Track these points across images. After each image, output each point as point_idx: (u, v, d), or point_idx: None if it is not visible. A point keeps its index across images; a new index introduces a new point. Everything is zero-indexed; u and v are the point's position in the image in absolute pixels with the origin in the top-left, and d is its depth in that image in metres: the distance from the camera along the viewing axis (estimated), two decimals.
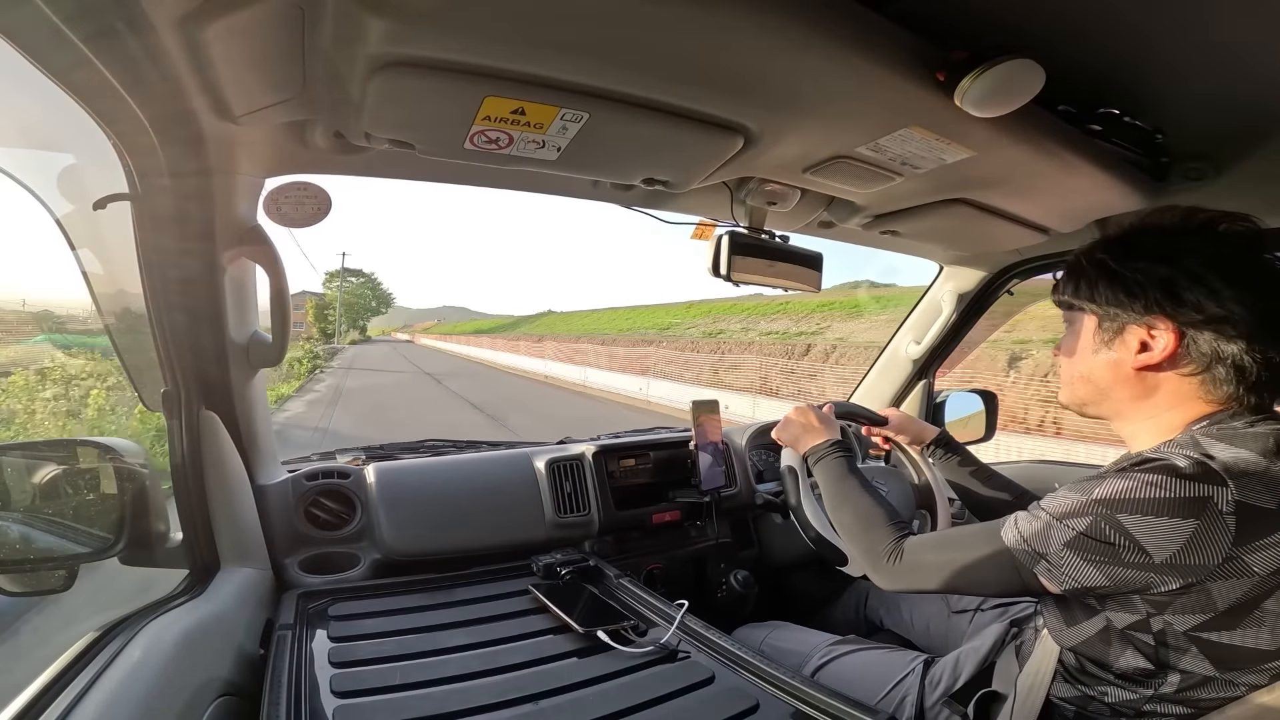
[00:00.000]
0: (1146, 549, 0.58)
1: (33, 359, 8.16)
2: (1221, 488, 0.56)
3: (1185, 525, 0.56)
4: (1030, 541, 0.65)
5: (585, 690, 0.71)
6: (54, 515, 0.90)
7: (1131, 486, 0.59)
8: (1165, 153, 0.91)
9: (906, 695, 0.88)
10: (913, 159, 0.86)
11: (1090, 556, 0.61)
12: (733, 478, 1.39)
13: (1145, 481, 0.59)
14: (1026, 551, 0.65)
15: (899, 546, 0.78)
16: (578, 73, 0.65)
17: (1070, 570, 0.62)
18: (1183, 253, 0.65)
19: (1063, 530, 0.62)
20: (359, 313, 75.85)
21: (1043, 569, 0.64)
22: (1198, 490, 0.57)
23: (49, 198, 0.79)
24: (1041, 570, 0.65)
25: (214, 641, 0.75)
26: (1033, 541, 0.65)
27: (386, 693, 0.70)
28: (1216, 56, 0.68)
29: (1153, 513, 0.58)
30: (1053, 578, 0.64)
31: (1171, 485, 0.57)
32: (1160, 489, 0.58)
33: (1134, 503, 0.59)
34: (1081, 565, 0.61)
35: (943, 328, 1.57)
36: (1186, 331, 0.64)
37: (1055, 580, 0.64)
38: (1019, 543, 0.66)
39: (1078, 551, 0.62)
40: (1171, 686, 0.62)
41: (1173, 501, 0.57)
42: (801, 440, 1.03)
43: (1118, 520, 0.59)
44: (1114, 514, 0.59)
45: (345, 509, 1.12)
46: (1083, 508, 0.62)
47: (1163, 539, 0.57)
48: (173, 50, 0.61)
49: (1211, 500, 0.56)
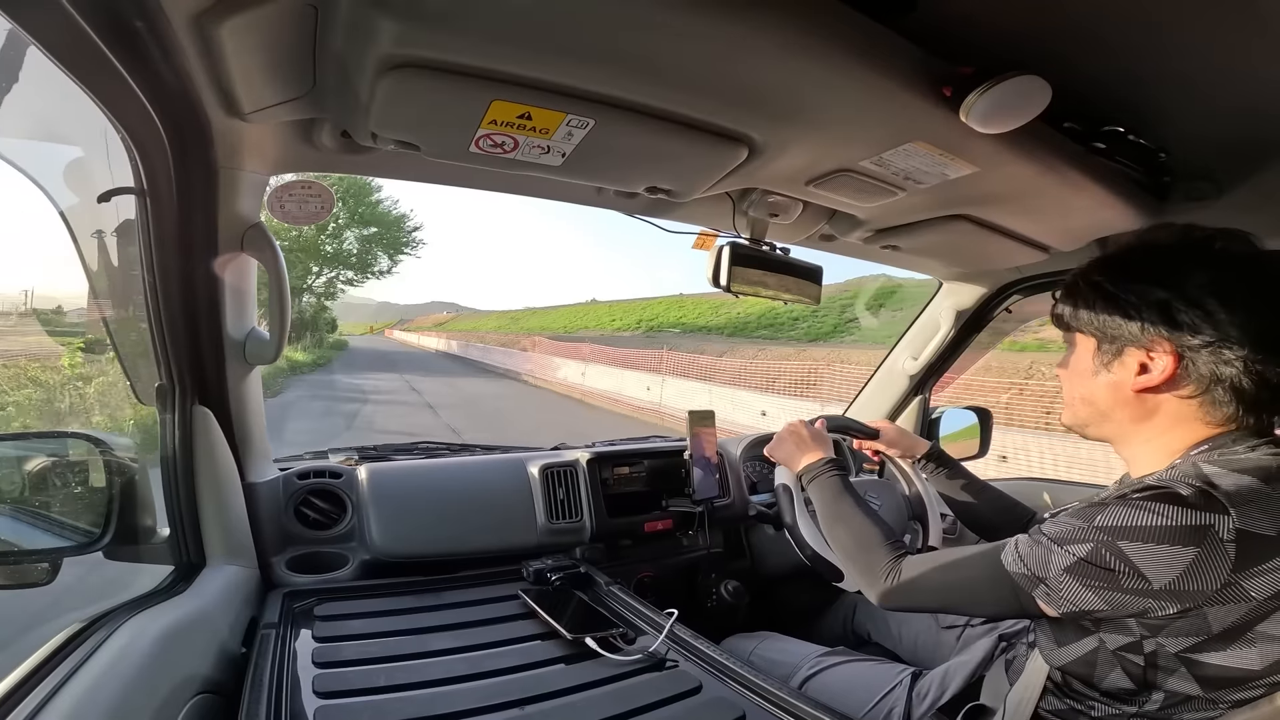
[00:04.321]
0: (1146, 575, 0.58)
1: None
2: (1223, 515, 0.56)
3: (1186, 553, 0.56)
4: (1030, 566, 0.65)
5: (572, 697, 0.71)
6: (39, 508, 0.89)
7: (1133, 514, 0.59)
8: (1169, 172, 0.92)
9: (894, 707, 0.87)
10: (916, 174, 0.86)
11: (1089, 582, 0.61)
12: (726, 488, 1.38)
13: (1147, 509, 0.58)
14: (1026, 575, 0.65)
15: (896, 566, 0.78)
16: (585, 79, 0.66)
17: (1069, 595, 0.62)
18: (1178, 274, 0.65)
19: (1063, 556, 0.62)
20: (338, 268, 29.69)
21: (1041, 593, 0.64)
22: (1199, 519, 0.56)
23: (54, 189, 0.79)
24: (1040, 594, 0.64)
25: (196, 638, 0.74)
26: (1033, 566, 0.65)
27: (369, 694, 0.69)
28: (1222, 76, 0.69)
29: (1154, 540, 0.57)
30: (1051, 601, 0.64)
31: (1173, 514, 0.57)
32: (1162, 517, 0.57)
33: (1135, 530, 0.58)
34: (1080, 590, 0.61)
35: (940, 344, 1.57)
36: (1185, 354, 0.64)
37: (1053, 604, 0.64)
38: (1019, 566, 0.66)
39: (1077, 577, 0.61)
40: (1155, 704, 0.62)
41: (1174, 529, 0.57)
42: (795, 457, 1.03)
43: (1119, 547, 0.59)
44: (1115, 541, 0.59)
45: (336, 509, 1.11)
46: (1084, 534, 0.61)
47: (1162, 566, 0.57)
48: (186, 46, 0.61)
49: (1213, 528, 0.56)
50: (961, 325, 1.55)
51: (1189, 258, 0.65)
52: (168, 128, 0.72)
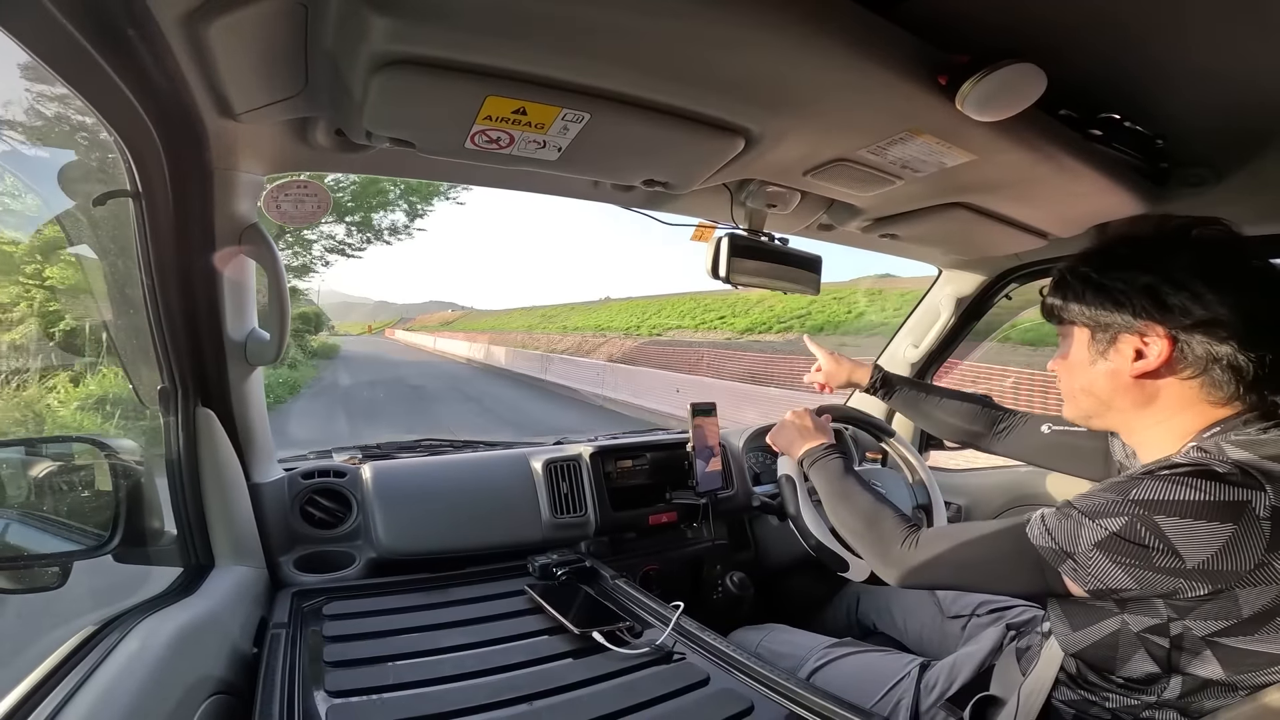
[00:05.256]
0: (1180, 553, 0.57)
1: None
2: (1260, 492, 0.56)
3: (1223, 530, 0.55)
4: (1058, 539, 0.63)
5: (580, 691, 0.71)
6: (48, 512, 0.90)
7: (1171, 489, 0.58)
8: (1166, 158, 0.92)
9: (902, 699, 0.88)
10: (913, 162, 0.86)
11: (1120, 559, 0.59)
12: (729, 480, 1.39)
13: (1186, 484, 0.57)
14: (1053, 549, 0.63)
15: (911, 540, 0.77)
16: (580, 73, 0.65)
17: (1097, 571, 0.61)
18: (1162, 260, 0.65)
19: (1094, 529, 0.60)
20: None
21: (1069, 568, 0.63)
22: (1238, 494, 0.56)
23: (49, 193, 0.79)
24: (1067, 570, 0.63)
25: (208, 640, 0.74)
26: (1061, 539, 0.63)
27: (380, 692, 0.69)
28: (1218, 63, 0.69)
29: (1191, 515, 0.56)
30: (1078, 578, 0.62)
31: (1212, 489, 0.56)
32: (1200, 491, 0.56)
33: (1173, 505, 0.57)
34: (1110, 567, 0.60)
35: (941, 331, 1.58)
36: (1179, 336, 0.64)
37: (1080, 581, 0.62)
38: (1046, 540, 0.64)
39: (1108, 552, 0.60)
40: (1174, 692, 0.62)
41: (1212, 505, 0.56)
42: (796, 445, 1.03)
43: (1154, 522, 0.57)
44: (1151, 515, 0.58)
45: (341, 508, 1.12)
46: (1118, 507, 0.60)
47: (1199, 543, 0.56)
48: (176, 47, 0.61)
49: (1250, 505, 0.55)
50: (962, 312, 1.55)
51: (1170, 243, 0.66)
52: (160, 130, 0.72)
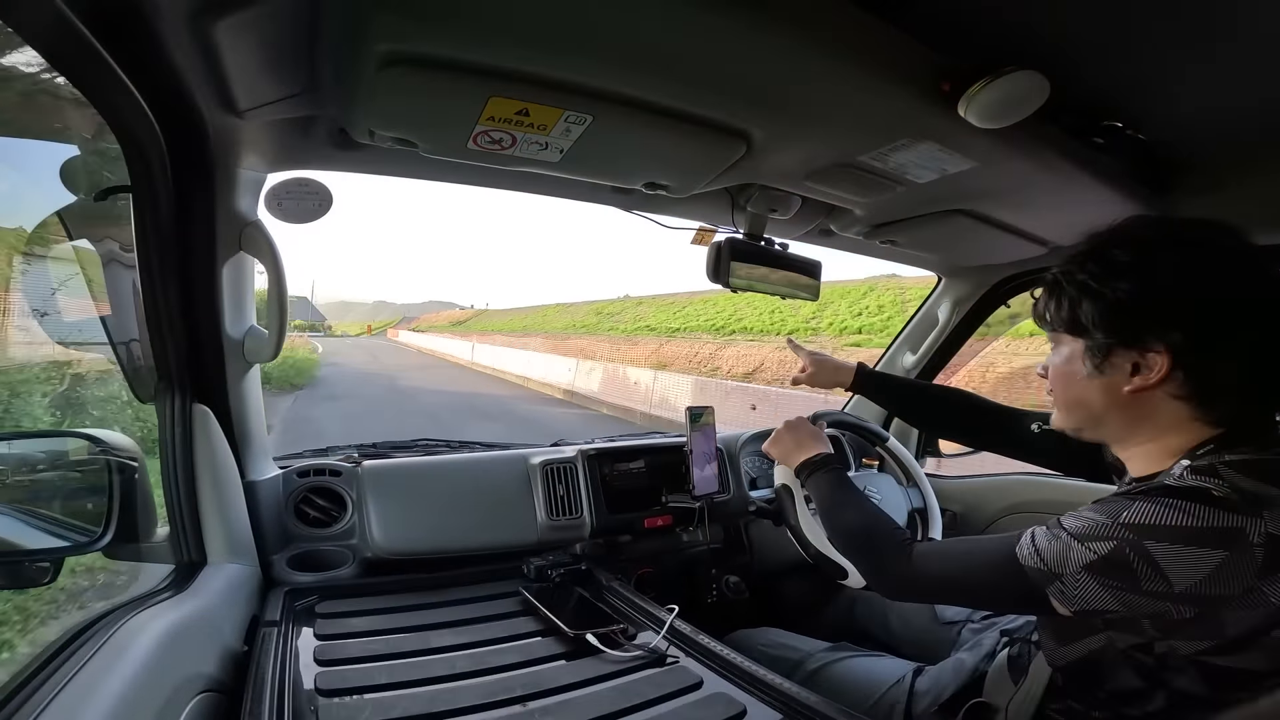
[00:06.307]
0: (1169, 578, 0.55)
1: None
2: (1255, 519, 0.54)
3: (1214, 556, 0.54)
4: (1047, 560, 0.61)
5: (573, 693, 0.71)
6: (39, 507, 0.89)
7: (1162, 512, 0.56)
8: (1167, 166, 0.92)
9: (896, 704, 0.87)
10: (915, 169, 0.86)
11: (1108, 582, 0.58)
12: (726, 483, 1.39)
13: (1178, 508, 0.56)
14: (1041, 570, 0.62)
15: (904, 556, 0.76)
16: (584, 75, 0.65)
17: (1084, 593, 0.59)
18: (1163, 268, 0.62)
19: (1083, 552, 0.59)
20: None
21: (1055, 590, 0.61)
22: (1232, 521, 0.54)
23: (51, 188, 0.78)
24: (1054, 591, 0.61)
25: (198, 637, 0.74)
26: (1050, 561, 0.61)
27: (372, 691, 0.69)
28: (1220, 71, 0.69)
29: (1182, 541, 0.55)
30: (1065, 599, 0.61)
31: (1205, 514, 0.55)
32: (1193, 517, 0.55)
33: (1164, 530, 0.56)
34: (1097, 590, 0.58)
35: (938, 338, 1.58)
36: (1178, 352, 0.61)
37: (1066, 602, 0.61)
38: (1034, 560, 0.62)
39: (1095, 575, 0.58)
40: (1158, 707, 0.61)
41: (1205, 531, 0.54)
42: (793, 455, 1.03)
43: (1144, 547, 0.56)
44: (1141, 540, 0.56)
45: (336, 506, 1.11)
46: (1107, 530, 0.58)
47: (1187, 569, 0.55)
48: (183, 44, 0.61)
49: (1244, 531, 0.54)
50: (961, 319, 1.55)
51: (1170, 249, 0.63)
52: (163, 126, 0.71)
